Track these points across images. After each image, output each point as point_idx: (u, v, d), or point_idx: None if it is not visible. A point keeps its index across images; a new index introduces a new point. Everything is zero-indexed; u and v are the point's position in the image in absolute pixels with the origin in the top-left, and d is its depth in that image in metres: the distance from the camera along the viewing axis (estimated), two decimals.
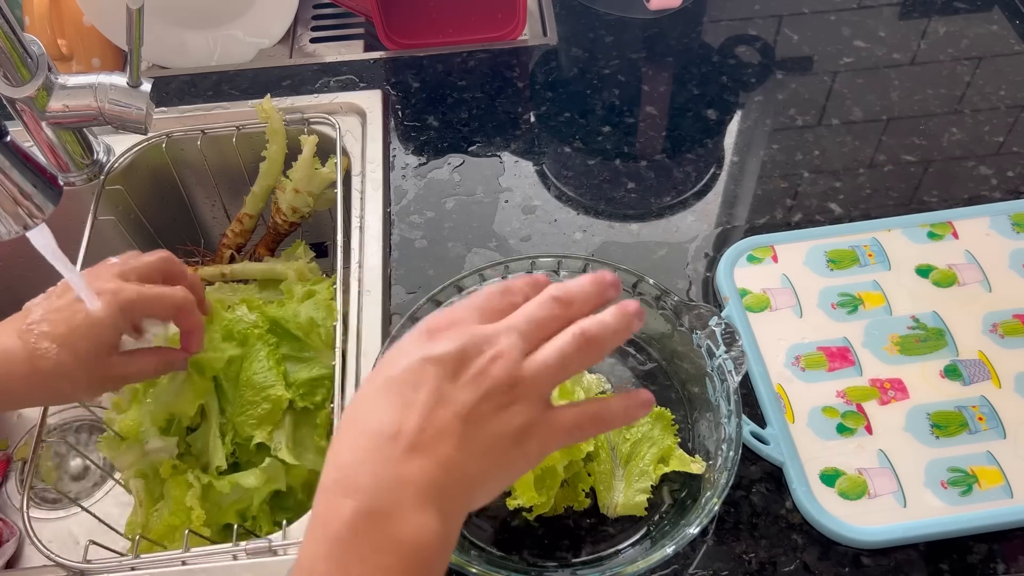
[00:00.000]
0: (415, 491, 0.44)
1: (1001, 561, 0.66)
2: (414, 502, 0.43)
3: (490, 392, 0.46)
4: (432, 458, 0.44)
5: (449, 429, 0.45)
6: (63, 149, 0.89)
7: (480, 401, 0.46)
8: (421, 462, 0.44)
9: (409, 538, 0.43)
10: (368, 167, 0.92)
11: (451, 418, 0.45)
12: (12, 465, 0.96)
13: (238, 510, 0.75)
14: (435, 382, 0.46)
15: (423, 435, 0.45)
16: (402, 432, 0.45)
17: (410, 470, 0.44)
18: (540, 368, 0.47)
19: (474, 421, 0.46)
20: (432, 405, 0.45)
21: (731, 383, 0.66)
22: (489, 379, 0.46)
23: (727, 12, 1.11)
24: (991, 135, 0.94)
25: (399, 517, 0.43)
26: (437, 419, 0.45)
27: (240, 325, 0.78)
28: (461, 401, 0.45)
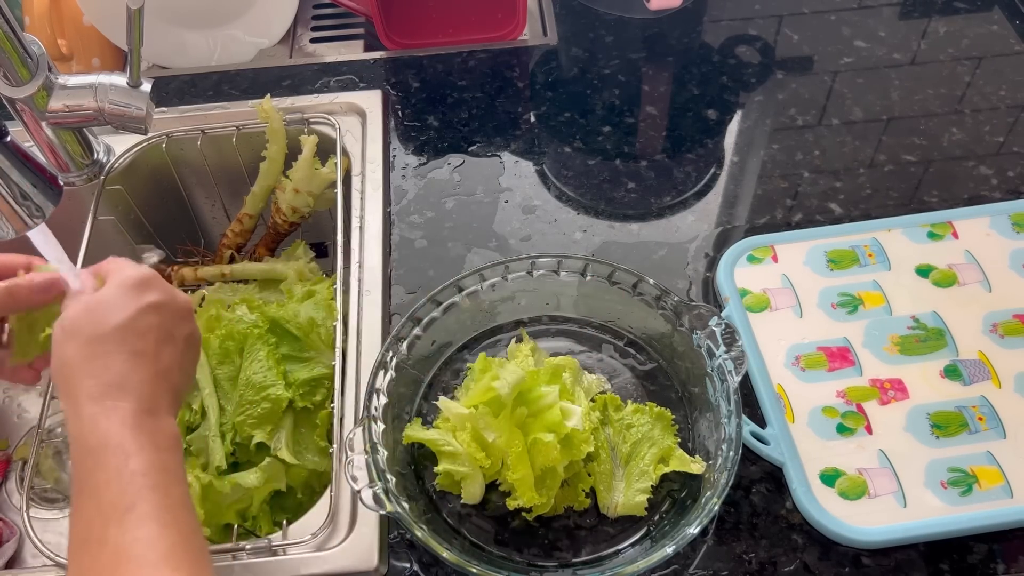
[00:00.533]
0: (166, 400, 0.58)
1: (1001, 561, 0.66)
2: (166, 408, 0.58)
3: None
4: (169, 378, 0.60)
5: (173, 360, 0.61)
6: (63, 149, 0.89)
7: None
8: (168, 382, 0.59)
9: (169, 429, 0.57)
10: (368, 167, 0.92)
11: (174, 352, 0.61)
12: (12, 465, 0.96)
13: (238, 510, 0.75)
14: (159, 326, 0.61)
15: (160, 364, 0.59)
16: (154, 359, 0.59)
17: (160, 386, 0.58)
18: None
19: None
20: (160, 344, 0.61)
21: (731, 383, 0.66)
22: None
23: (727, 12, 1.11)
24: (991, 135, 0.94)
25: (162, 415, 0.57)
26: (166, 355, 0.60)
27: (240, 325, 0.78)
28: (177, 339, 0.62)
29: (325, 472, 0.77)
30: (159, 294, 0.59)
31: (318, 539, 0.67)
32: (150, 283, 0.60)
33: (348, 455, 0.64)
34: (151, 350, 0.57)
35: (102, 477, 0.52)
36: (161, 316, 0.59)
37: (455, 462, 0.67)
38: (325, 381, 0.79)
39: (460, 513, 0.69)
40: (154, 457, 0.53)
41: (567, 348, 0.78)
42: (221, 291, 0.92)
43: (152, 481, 0.52)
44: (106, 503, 0.51)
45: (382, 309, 0.81)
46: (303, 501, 0.78)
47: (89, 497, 0.52)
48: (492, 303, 0.78)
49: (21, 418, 1.01)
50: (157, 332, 0.58)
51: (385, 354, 0.70)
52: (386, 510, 0.61)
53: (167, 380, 0.58)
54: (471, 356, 0.78)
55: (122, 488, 0.51)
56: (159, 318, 0.59)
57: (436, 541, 0.61)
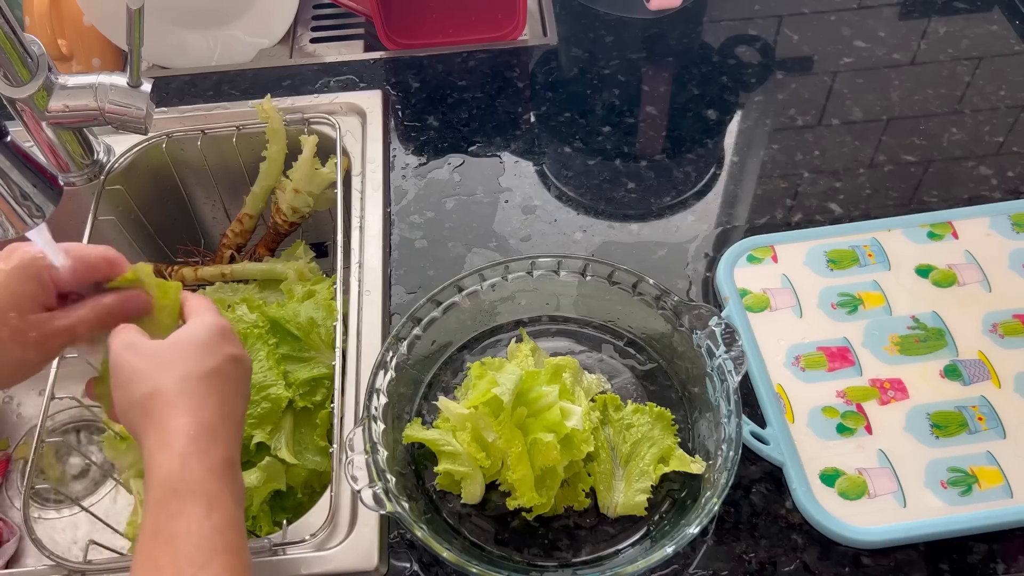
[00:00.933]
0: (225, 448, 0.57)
1: (1001, 561, 0.66)
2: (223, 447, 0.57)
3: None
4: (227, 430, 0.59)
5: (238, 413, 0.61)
6: (63, 149, 0.89)
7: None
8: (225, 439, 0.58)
9: (231, 457, 0.57)
10: (368, 167, 0.92)
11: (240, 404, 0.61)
12: (12, 465, 0.96)
13: None
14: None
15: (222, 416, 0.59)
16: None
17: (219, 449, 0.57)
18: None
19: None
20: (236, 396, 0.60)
21: (731, 383, 0.66)
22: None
23: (727, 12, 1.11)
24: (991, 135, 0.94)
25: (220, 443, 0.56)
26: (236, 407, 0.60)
27: (240, 325, 0.78)
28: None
29: (325, 472, 0.77)
30: (238, 347, 0.60)
31: (318, 539, 0.67)
32: (230, 334, 0.60)
33: (348, 455, 0.64)
34: (233, 400, 0.57)
35: (183, 526, 0.51)
36: (240, 370, 0.59)
37: (455, 462, 0.67)
38: (325, 381, 0.79)
39: (460, 513, 0.69)
40: (233, 514, 0.53)
41: (567, 348, 0.78)
42: (221, 291, 0.92)
43: (227, 541, 0.51)
44: (182, 554, 0.50)
45: (382, 309, 0.81)
46: (303, 501, 0.78)
47: (165, 543, 0.51)
48: (492, 303, 0.78)
49: (21, 418, 1.01)
50: (236, 384, 0.58)
51: (385, 354, 0.70)
52: (386, 510, 0.61)
53: (240, 432, 0.58)
54: (471, 356, 0.78)
55: (201, 543, 0.51)
56: (239, 371, 0.59)
57: (436, 541, 0.61)
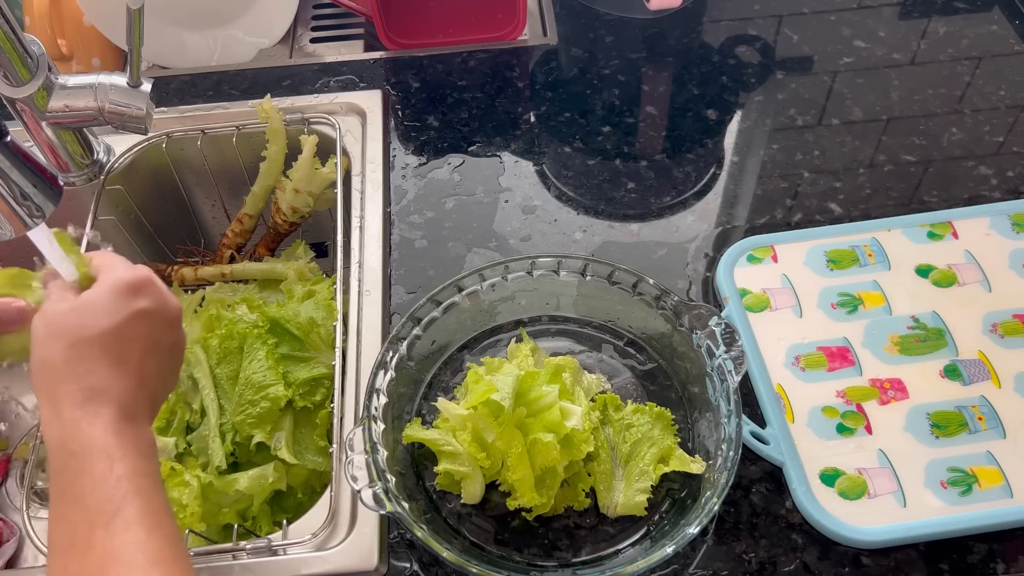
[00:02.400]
0: (145, 407, 0.58)
1: (1001, 561, 0.66)
2: (144, 415, 0.58)
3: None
4: (147, 388, 0.58)
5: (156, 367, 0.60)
6: (63, 149, 0.89)
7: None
8: (144, 391, 0.58)
9: (148, 436, 0.57)
10: (368, 167, 0.92)
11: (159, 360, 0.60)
12: (12, 465, 0.96)
13: (238, 510, 0.75)
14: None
15: (143, 371, 0.59)
16: (136, 373, 0.58)
17: (141, 395, 0.57)
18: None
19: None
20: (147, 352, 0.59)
21: (731, 383, 0.66)
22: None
23: (727, 12, 1.11)
24: (991, 135, 0.94)
25: (143, 422, 0.57)
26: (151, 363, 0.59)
27: (240, 325, 0.78)
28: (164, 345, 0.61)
29: (325, 472, 0.77)
30: (150, 300, 0.58)
31: (318, 539, 0.67)
32: (142, 288, 0.58)
33: (348, 455, 0.64)
34: (136, 358, 0.57)
35: (87, 482, 0.51)
36: (150, 324, 0.58)
37: (455, 462, 0.67)
38: (325, 381, 0.79)
39: (460, 513, 0.69)
40: (137, 463, 0.53)
41: (567, 348, 0.78)
42: (221, 291, 0.92)
43: (136, 486, 0.52)
44: (92, 507, 0.51)
45: (382, 309, 0.81)
46: (303, 501, 0.78)
47: (73, 501, 0.52)
48: (492, 303, 0.78)
49: (21, 418, 1.01)
50: (144, 341, 0.57)
51: (385, 354, 0.70)
52: (386, 510, 0.61)
53: (147, 388, 0.58)
54: (471, 356, 0.78)
55: (108, 493, 0.51)
56: (147, 326, 0.58)
57: (436, 541, 0.61)
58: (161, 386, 0.60)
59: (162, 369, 0.59)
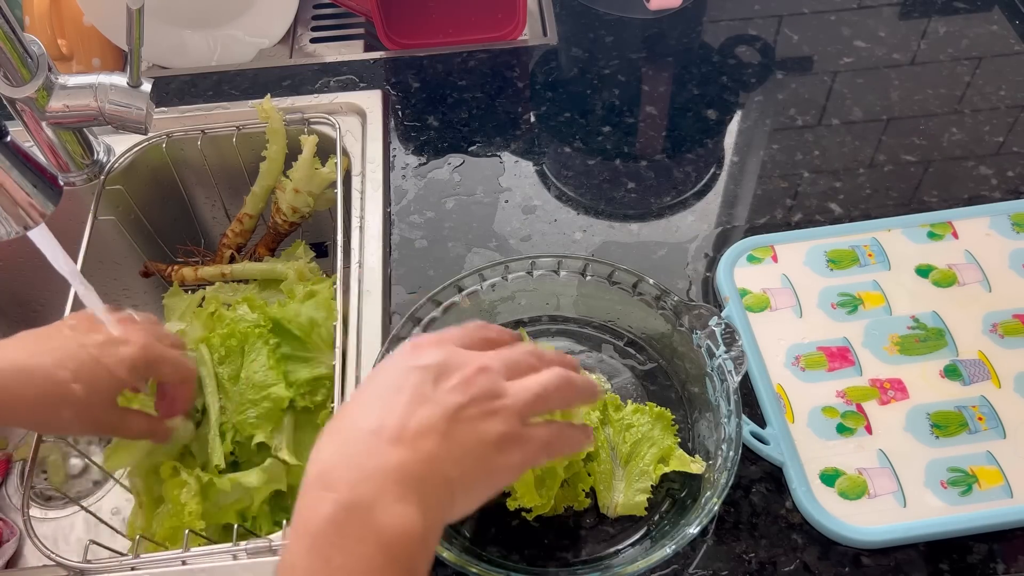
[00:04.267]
0: (395, 482, 0.44)
1: (1001, 561, 0.66)
2: (394, 493, 0.44)
3: (475, 397, 0.48)
4: (413, 451, 0.45)
5: (431, 425, 0.46)
6: (63, 149, 0.89)
7: (465, 404, 0.47)
8: (402, 454, 0.45)
9: (390, 528, 0.43)
10: (368, 167, 0.92)
11: (434, 415, 0.47)
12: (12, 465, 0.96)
13: (238, 510, 0.75)
14: (419, 385, 0.48)
15: (405, 430, 0.46)
16: (384, 427, 0.46)
17: (390, 461, 0.44)
18: (522, 390, 0.50)
19: (457, 420, 0.47)
20: (415, 404, 0.47)
21: (731, 383, 0.66)
22: (474, 386, 0.48)
23: (727, 12, 1.11)
24: (991, 135, 0.94)
25: (379, 508, 0.43)
26: (420, 415, 0.46)
27: (242, 324, 0.78)
28: (445, 402, 0.47)
29: None
30: (428, 357, 0.50)
31: None
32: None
33: None
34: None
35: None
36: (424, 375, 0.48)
37: None
38: (325, 381, 0.79)
39: None
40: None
41: (567, 348, 0.78)
42: (221, 291, 0.92)
43: None
44: None
45: (382, 309, 0.81)
46: None
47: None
48: (492, 303, 0.78)
49: None
50: (413, 392, 0.48)
51: (385, 354, 0.70)
52: None
53: (414, 449, 0.46)
54: None
55: None
56: (420, 377, 0.48)
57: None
58: (454, 468, 0.47)
59: (451, 445, 0.47)
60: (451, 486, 0.46)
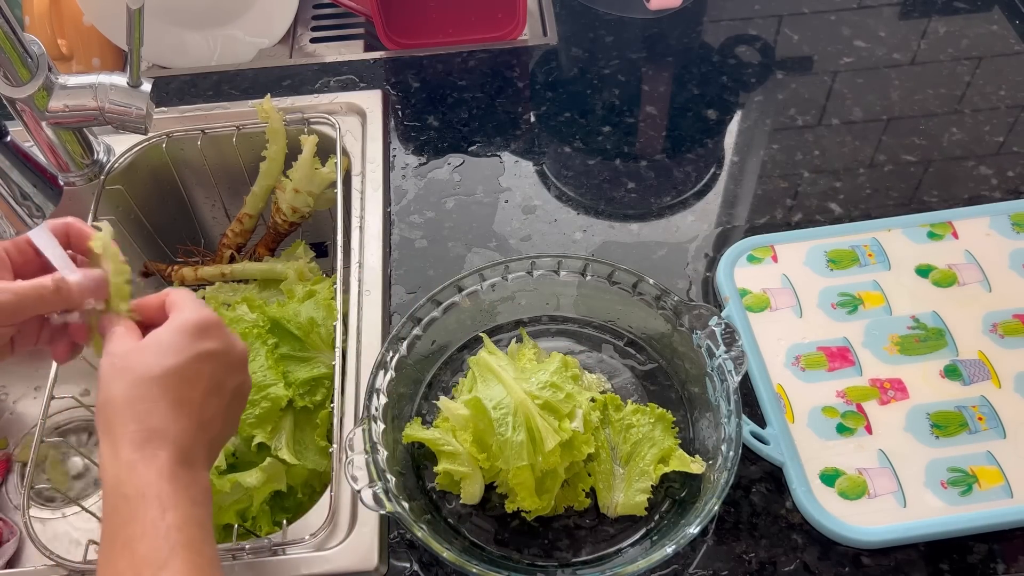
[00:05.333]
0: (203, 452, 0.56)
1: (1001, 561, 0.66)
2: (203, 460, 0.56)
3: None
4: (209, 431, 0.57)
5: (218, 413, 0.58)
6: (63, 149, 0.89)
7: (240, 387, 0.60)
8: (205, 435, 0.56)
9: (204, 482, 0.55)
10: (368, 167, 0.92)
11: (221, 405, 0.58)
12: (12, 465, 0.96)
13: (238, 510, 0.75)
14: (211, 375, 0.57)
15: (204, 416, 0.57)
16: (199, 411, 0.57)
17: (199, 439, 0.56)
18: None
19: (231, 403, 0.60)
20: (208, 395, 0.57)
21: (731, 383, 0.66)
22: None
23: (727, 12, 1.11)
24: (991, 135, 0.94)
25: (198, 467, 0.55)
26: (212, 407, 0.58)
27: (241, 325, 0.78)
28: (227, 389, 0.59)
29: (325, 472, 0.77)
30: (216, 342, 0.57)
31: (318, 539, 0.67)
32: (209, 329, 0.57)
33: (348, 455, 0.64)
34: (197, 399, 0.55)
35: (137, 529, 0.50)
36: (214, 366, 0.57)
37: (455, 462, 0.67)
38: (325, 381, 0.79)
39: (460, 513, 0.69)
40: (190, 512, 0.52)
41: (567, 348, 0.78)
42: (221, 291, 0.92)
43: (187, 537, 0.51)
44: (139, 557, 0.50)
45: (382, 309, 0.81)
46: (303, 501, 0.78)
47: (123, 548, 0.50)
48: (492, 303, 0.78)
49: (21, 417, 1.01)
50: (207, 382, 0.56)
51: (385, 354, 0.70)
52: (386, 510, 0.61)
53: (207, 431, 0.56)
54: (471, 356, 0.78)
55: (157, 543, 0.50)
56: (212, 368, 0.57)
57: (436, 541, 0.61)
58: (222, 431, 0.58)
59: (224, 413, 0.58)
60: (217, 448, 0.59)
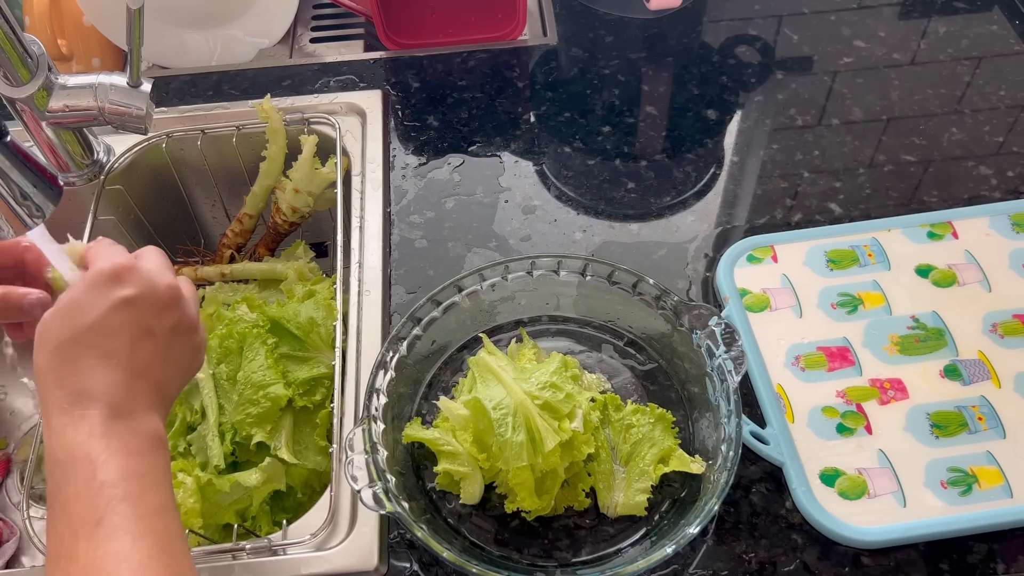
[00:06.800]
0: (144, 400, 0.55)
1: (1001, 561, 0.66)
2: (144, 408, 0.55)
3: (180, 320, 0.60)
4: (151, 378, 0.56)
5: (158, 355, 0.57)
6: (63, 149, 0.89)
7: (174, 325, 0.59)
8: (145, 383, 0.56)
9: (146, 430, 0.54)
10: (368, 167, 0.92)
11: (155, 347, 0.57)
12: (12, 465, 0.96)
13: (238, 510, 0.75)
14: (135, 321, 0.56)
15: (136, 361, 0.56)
16: (131, 358, 0.55)
17: (138, 387, 0.55)
18: (191, 298, 0.61)
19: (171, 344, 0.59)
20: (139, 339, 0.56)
21: (731, 383, 0.66)
22: (177, 308, 0.59)
23: (727, 12, 1.11)
24: (991, 135, 0.94)
25: (137, 417, 0.54)
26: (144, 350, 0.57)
27: (240, 324, 0.78)
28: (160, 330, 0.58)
29: (325, 472, 0.77)
30: (133, 288, 0.55)
31: (318, 539, 0.67)
32: (121, 275, 0.55)
33: (348, 455, 0.64)
34: (124, 350, 0.54)
35: (71, 490, 0.50)
36: (136, 312, 0.55)
37: (454, 462, 0.67)
38: (325, 381, 0.79)
39: (460, 513, 0.69)
40: (125, 464, 0.50)
41: (567, 348, 0.78)
42: (221, 291, 0.92)
43: (123, 491, 0.50)
44: (75, 517, 0.49)
45: (382, 309, 0.81)
46: (303, 501, 0.78)
47: (60, 512, 0.50)
48: (492, 303, 0.78)
49: (21, 417, 1.01)
50: (132, 329, 0.54)
51: (385, 354, 0.70)
52: (386, 510, 0.61)
53: (145, 378, 0.55)
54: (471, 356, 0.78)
55: (91, 501, 0.49)
56: (133, 314, 0.54)
57: (436, 541, 0.61)
58: (169, 373, 0.57)
59: (164, 355, 0.56)
60: (173, 391, 0.59)
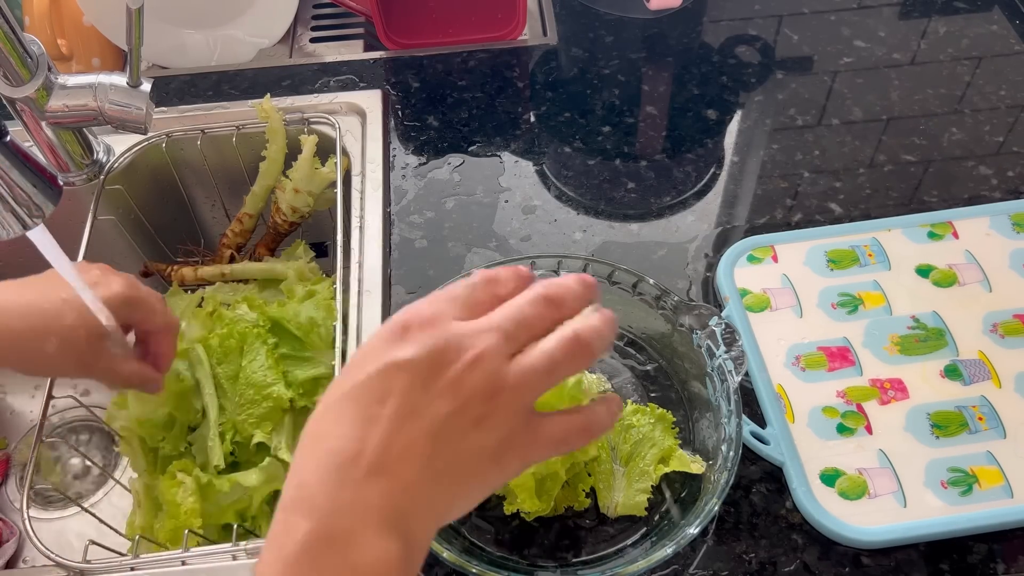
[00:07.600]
0: (375, 516, 0.40)
1: (1001, 561, 0.66)
2: (374, 527, 0.40)
3: (467, 403, 0.41)
4: (395, 481, 0.40)
5: (416, 448, 0.41)
6: (63, 149, 0.89)
7: (454, 414, 0.41)
8: (383, 485, 0.40)
9: (367, 564, 0.39)
10: (368, 167, 0.92)
11: (419, 435, 0.41)
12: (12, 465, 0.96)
13: (237, 510, 0.75)
14: (403, 393, 0.41)
15: (387, 455, 0.40)
16: (364, 452, 0.40)
17: (370, 494, 0.40)
18: (526, 374, 0.42)
19: (446, 438, 0.41)
20: (399, 420, 0.41)
21: (731, 383, 0.66)
22: (466, 388, 0.41)
23: (727, 12, 1.11)
24: (991, 135, 0.94)
25: (357, 542, 0.39)
26: (403, 437, 0.41)
27: (241, 324, 0.78)
28: (432, 415, 0.41)
29: None
30: (409, 348, 0.42)
31: None
32: (401, 331, 0.43)
33: None
34: (362, 431, 0.41)
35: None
36: (411, 378, 0.41)
37: None
38: (325, 381, 0.79)
39: None
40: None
41: None
42: (221, 291, 0.92)
43: None
44: None
45: (382, 309, 0.81)
46: None
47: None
48: None
49: (21, 417, 1.01)
50: (398, 400, 0.41)
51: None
52: None
53: (389, 479, 0.41)
54: None
55: None
56: (407, 381, 0.41)
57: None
58: (431, 476, 0.41)
59: (432, 450, 0.41)
60: (437, 510, 0.42)
